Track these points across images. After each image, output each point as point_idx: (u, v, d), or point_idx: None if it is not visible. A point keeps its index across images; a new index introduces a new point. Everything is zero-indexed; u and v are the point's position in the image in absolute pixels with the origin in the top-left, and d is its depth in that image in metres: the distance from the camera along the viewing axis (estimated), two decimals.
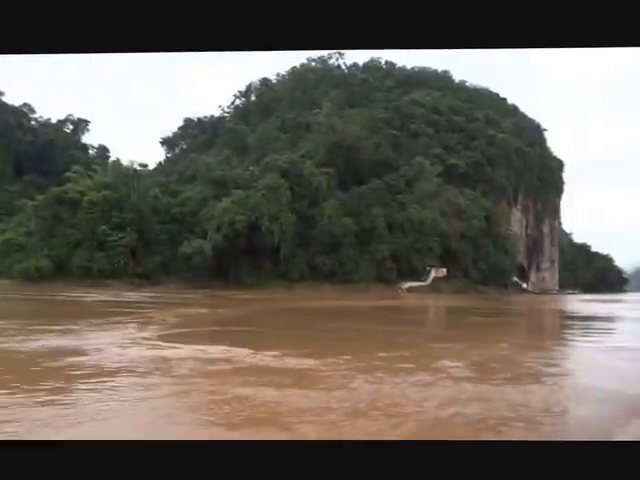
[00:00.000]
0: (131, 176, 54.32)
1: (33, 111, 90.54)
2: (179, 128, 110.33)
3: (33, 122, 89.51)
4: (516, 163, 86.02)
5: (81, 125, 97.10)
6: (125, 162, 60.90)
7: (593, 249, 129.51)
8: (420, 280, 61.78)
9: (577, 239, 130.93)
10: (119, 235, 51.56)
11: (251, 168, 64.88)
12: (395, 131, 79.07)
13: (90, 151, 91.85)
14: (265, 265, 56.56)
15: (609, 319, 27.38)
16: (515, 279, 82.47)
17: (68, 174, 57.25)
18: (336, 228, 57.44)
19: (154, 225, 55.32)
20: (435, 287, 60.95)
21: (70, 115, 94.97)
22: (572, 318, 27.73)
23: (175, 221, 58.68)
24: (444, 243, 62.60)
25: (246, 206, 55.24)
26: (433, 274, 63.57)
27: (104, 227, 51.20)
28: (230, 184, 60.47)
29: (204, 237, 54.07)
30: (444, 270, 64.50)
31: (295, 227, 56.81)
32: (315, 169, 62.81)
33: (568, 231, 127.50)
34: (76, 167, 57.65)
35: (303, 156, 69.36)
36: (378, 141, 75.14)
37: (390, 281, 59.62)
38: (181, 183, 67.94)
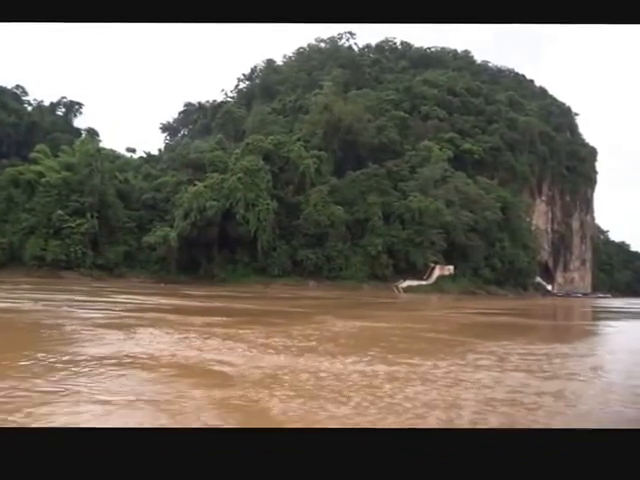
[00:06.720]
0: (95, 156, 48.70)
1: (26, 93, 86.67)
2: (180, 113, 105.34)
3: (25, 104, 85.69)
4: (541, 149, 76.72)
5: (73, 108, 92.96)
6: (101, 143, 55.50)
7: (633, 248, 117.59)
8: (421, 278, 54.29)
9: (614, 237, 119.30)
10: (77, 221, 46.20)
11: (237, 151, 58.60)
12: (403, 113, 71.24)
13: (83, 135, 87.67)
14: (241, 258, 50.37)
15: None
16: (538, 279, 73.45)
17: (32, 154, 52.32)
18: (323, 218, 50.60)
19: (119, 211, 49.81)
20: (439, 287, 53.44)
21: (63, 97, 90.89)
22: None
23: (146, 207, 53.09)
24: (450, 237, 54.76)
25: (220, 191, 49.10)
26: (437, 272, 55.89)
27: (60, 212, 45.92)
28: (208, 168, 54.42)
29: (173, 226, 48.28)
30: (450, 268, 56.70)
31: (276, 216, 50.35)
32: (304, 152, 55.99)
33: (604, 228, 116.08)
34: (40, 146, 52.51)
35: (299, 139, 62.71)
36: (383, 124, 67.60)
37: (385, 279, 52.56)
38: (171, 169, 62.35)
